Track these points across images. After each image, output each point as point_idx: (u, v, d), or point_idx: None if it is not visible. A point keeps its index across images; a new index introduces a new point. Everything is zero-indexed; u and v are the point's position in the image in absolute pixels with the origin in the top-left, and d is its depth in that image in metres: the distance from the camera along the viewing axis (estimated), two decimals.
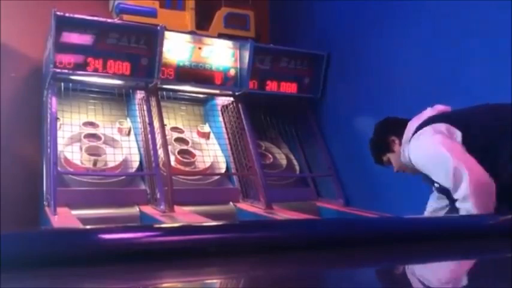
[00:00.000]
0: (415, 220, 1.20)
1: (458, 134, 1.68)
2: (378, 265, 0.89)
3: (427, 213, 2.01)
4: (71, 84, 3.12)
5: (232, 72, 3.49)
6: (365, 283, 0.79)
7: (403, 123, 1.93)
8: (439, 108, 1.91)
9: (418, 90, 2.70)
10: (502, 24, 2.24)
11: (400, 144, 1.93)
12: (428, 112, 1.89)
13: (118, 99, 3.37)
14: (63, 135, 3.04)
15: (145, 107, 3.18)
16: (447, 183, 1.64)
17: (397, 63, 2.94)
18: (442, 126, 1.72)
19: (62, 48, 2.96)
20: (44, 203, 2.83)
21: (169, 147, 3.15)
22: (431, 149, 1.71)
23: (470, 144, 1.65)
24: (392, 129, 1.98)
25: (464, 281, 0.77)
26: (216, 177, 3.33)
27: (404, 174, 2.06)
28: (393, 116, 2.05)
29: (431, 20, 2.71)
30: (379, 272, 0.87)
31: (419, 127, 1.81)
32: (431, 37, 2.70)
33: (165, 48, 3.21)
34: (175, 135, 3.42)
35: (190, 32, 3.58)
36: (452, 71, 2.55)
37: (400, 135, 1.92)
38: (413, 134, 1.82)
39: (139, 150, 3.21)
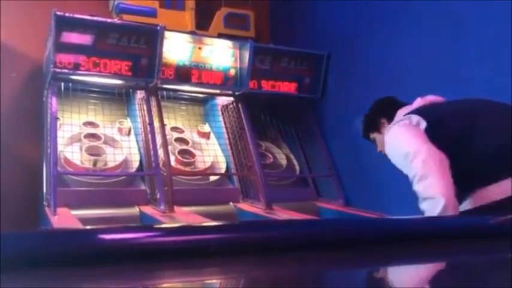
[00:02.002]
0: (415, 220, 1.20)
1: (423, 125, 1.69)
2: (377, 265, 0.88)
3: None
4: (71, 84, 3.12)
5: (232, 72, 3.49)
6: (365, 283, 0.79)
7: (398, 108, 1.92)
8: (429, 98, 1.92)
9: (418, 89, 2.69)
10: (502, 24, 2.24)
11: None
12: (418, 102, 1.90)
13: (118, 99, 3.37)
14: (63, 135, 3.03)
15: (145, 107, 3.18)
16: (406, 170, 1.64)
17: (397, 63, 2.94)
18: (412, 118, 1.73)
19: (62, 48, 2.96)
20: (44, 203, 2.83)
21: (170, 147, 3.15)
22: (394, 141, 1.73)
23: (435, 134, 1.64)
24: (385, 110, 1.97)
25: (464, 281, 0.77)
26: (216, 177, 3.33)
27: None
28: (395, 98, 2.02)
29: (432, 20, 2.71)
30: (379, 272, 0.87)
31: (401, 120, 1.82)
32: (432, 37, 2.70)
33: (165, 48, 3.21)
34: (176, 135, 3.42)
35: (190, 32, 3.58)
36: (452, 70, 2.55)
37: (390, 120, 1.91)
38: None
39: (139, 150, 3.21)
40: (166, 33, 3.20)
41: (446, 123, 1.71)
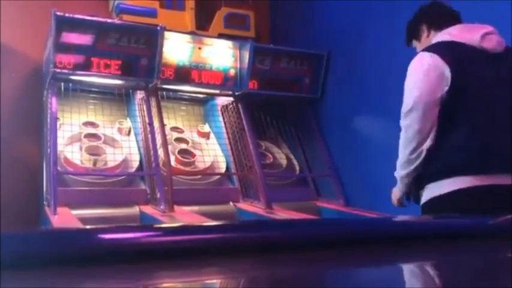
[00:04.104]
0: (415, 220, 1.20)
1: (447, 73, 1.64)
2: (377, 265, 0.88)
3: None
4: (71, 84, 3.12)
5: (232, 72, 3.49)
6: (365, 283, 0.79)
7: (445, 18, 1.81)
8: (478, 29, 1.76)
9: None
10: (503, 24, 2.24)
11: (428, 36, 1.86)
12: (460, 30, 1.77)
13: (118, 99, 3.37)
14: (63, 135, 3.04)
15: (145, 107, 3.18)
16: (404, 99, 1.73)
17: (397, 62, 2.94)
18: (439, 61, 1.66)
19: (62, 48, 2.97)
20: (44, 203, 2.83)
21: (169, 147, 3.15)
22: (412, 75, 1.77)
23: (458, 89, 1.63)
24: (429, 17, 1.87)
25: (464, 282, 0.77)
26: (216, 177, 3.33)
27: None
28: (441, 3, 1.90)
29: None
30: (379, 272, 0.87)
31: (433, 45, 1.75)
32: None
33: (165, 48, 3.21)
34: (175, 135, 3.42)
35: (190, 32, 3.58)
36: None
37: (432, 27, 1.83)
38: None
39: (139, 150, 3.21)
40: (166, 34, 3.20)
41: (467, 95, 1.65)
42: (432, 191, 1.68)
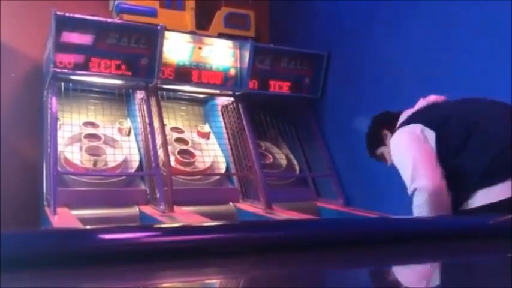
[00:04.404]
0: (415, 220, 1.20)
1: (432, 136, 1.68)
2: (377, 265, 0.88)
3: None
4: (71, 84, 3.12)
5: (232, 72, 3.49)
6: (365, 283, 0.79)
7: (397, 117, 1.92)
8: (431, 98, 1.91)
9: (417, 89, 2.69)
10: (502, 24, 2.24)
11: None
12: (421, 103, 1.89)
13: (118, 99, 3.36)
14: (63, 135, 3.03)
15: (145, 107, 3.18)
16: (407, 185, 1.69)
17: (397, 62, 2.94)
18: (417, 128, 1.72)
19: (62, 48, 2.96)
20: (44, 203, 2.83)
21: (169, 147, 3.15)
22: (399, 151, 1.75)
23: (445, 144, 1.67)
24: (385, 122, 1.98)
25: (464, 281, 0.77)
26: (216, 177, 3.33)
27: None
28: (392, 110, 2.02)
29: (432, 20, 2.71)
30: (379, 272, 0.87)
31: (403, 123, 1.82)
32: (432, 37, 2.69)
33: (165, 48, 3.21)
34: (175, 135, 3.42)
35: (190, 32, 3.58)
36: (452, 70, 2.55)
37: (393, 129, 1.91)
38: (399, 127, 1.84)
39: (139, 150, 3.21)
40: (167, 33, 3.20)
41: (449, 129, 1.71)
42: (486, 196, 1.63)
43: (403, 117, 1.88)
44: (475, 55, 2.42)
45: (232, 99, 3.53)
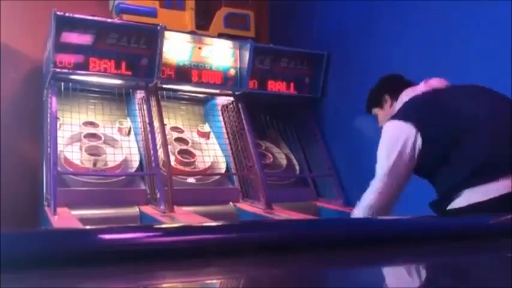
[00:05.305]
0: (414, 220, 1.20)
1: (419, 142, 1.70)
2: (377, 265, 0.88)
3: None
4: (70, 84, 3.12)
5: (232, 72, 3.49)
6: (365, 283, 0.79)
7: (403, 86, 1.92)
8: (432, 83, 1.91)
9: None
10: (503, 24, 2.24)
11: (391, 106, 1.96)
12: (422, 87, 1.89)
13: (118, 99, 3.37)
14: (63, 135, 3.03)
15: (145, 107, 3.18)
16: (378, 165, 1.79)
17: (397, 62, 2.94)
18: (411, 134, 1.71)
19: (62, 48, 2.96)
20: (44, 203, 2.83)
21: (169, 147, 3.15)
22: (384, 145, 1.79)
23: (433, 143, 1.69)
24: (390, 88, 1.99)
25: (464, 282, 0.77)
26: (216, 177, 3.33)
27: None
28: (401, 76, 2.03)
29: (432, 20, 2.71)
30: (379, 272, 0.87)
31: (400, 112, 1.82)
32: (432, 36, 2.70)
33: (165, 48, 3.21)
34: (175, 135, 3.42)
35: (190, 32, 3.58)
36: (452, 70, 2.55)
37: (393, 97, 1.94)
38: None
39: (139, 150, 3.21)
40: (166, 33, 3.20)
41: (439, 129, 1.71)
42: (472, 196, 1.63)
43: (404, 95, 1.88)
44: (476, 55, 2.42)
45: (232, 99, 3.53)
